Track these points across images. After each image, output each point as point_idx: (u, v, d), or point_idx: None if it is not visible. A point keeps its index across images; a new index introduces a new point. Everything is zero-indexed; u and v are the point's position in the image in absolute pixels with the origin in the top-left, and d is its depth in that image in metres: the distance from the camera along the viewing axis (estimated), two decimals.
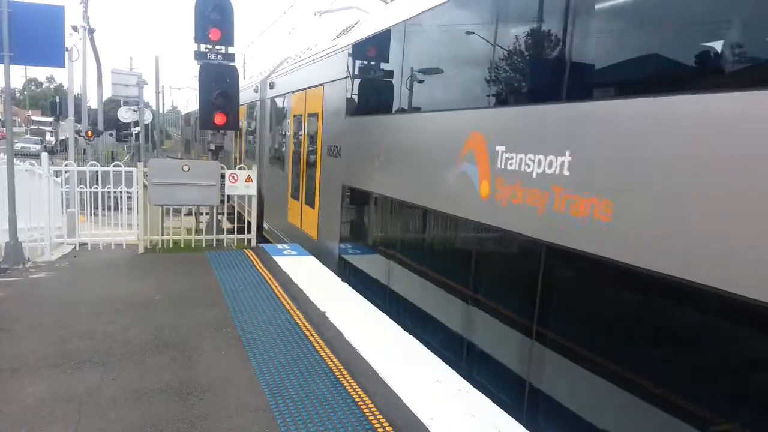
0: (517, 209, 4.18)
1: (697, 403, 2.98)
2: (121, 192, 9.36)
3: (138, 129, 29.19)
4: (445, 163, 5.21)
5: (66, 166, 10.35)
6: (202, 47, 8.59)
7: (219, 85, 8.55)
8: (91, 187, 9.75)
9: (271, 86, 11.86)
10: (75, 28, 18.31)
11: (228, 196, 9.28)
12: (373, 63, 7.54)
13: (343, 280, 7.09)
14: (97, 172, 9.60)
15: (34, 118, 65.41)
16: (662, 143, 3.08)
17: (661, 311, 3.27)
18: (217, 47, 8.65)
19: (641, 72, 3.49)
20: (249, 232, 9.38)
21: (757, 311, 2.53)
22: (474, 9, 5.23)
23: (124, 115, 27.72)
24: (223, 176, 8.75)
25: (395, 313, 6.06)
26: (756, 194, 2.59)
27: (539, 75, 4.38)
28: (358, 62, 7.75)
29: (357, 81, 7.76)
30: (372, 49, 7.43)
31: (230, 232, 9.75)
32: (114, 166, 9.25)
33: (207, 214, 10.15)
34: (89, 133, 19.39)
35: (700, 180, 2.87)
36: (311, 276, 7.23)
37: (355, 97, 7.80)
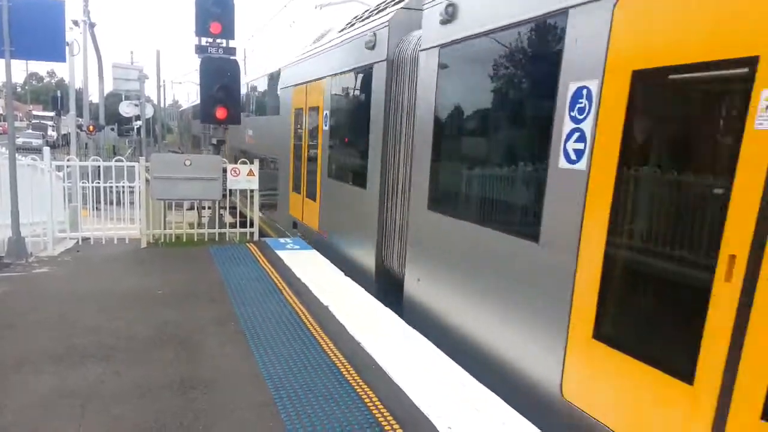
0: (254, 145, 14.77)
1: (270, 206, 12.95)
2: (123, 186, 9.36)
3: (139, 123, 29.20)
4: (242, 137, 16.03)
5: (68, 160, 10.34)
6: (203, 41, 8.53)
7: (220, 78, 8.51)
8: (93, 182, 9.74)
9: None
10: (75, 23, 18.28)
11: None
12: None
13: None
14: (99, 166, 9.58)
15: (35, 112, 65.39)
16: (264, 129, 14.13)
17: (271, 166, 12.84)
18: (218, 41, 8.59)
19: (262, 110, 15.12)
20: (251, 226, 9.38)
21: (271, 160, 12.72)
22: (260, 86, 15.90)
23: (126, 109, 27.73)
24: (224, 170, 8.74)
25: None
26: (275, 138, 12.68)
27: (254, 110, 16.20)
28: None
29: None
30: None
31: (232, 226, 9.74)
32: (116, 161, 9.25)
33: (209, 208, 10.14)
34: (91, 127, 19.39)
35: (270, 135, 13.11)
36: (313, 270, 7.23)
37: None
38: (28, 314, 5.30)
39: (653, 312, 3.17)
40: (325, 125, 8.74)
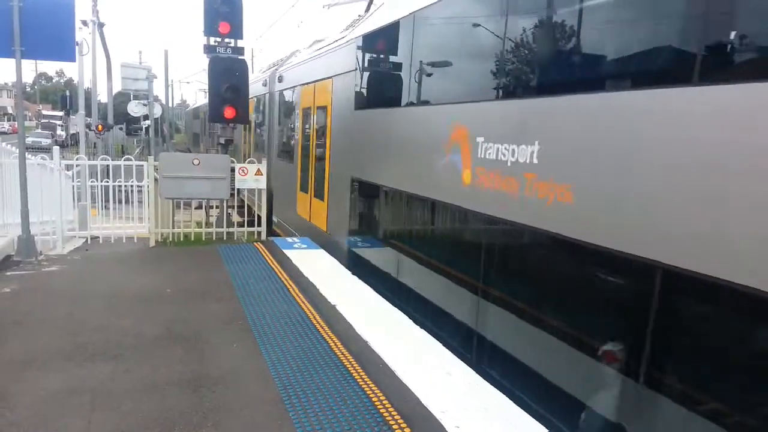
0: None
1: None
2: (131, 185, 9.41)
3: (148, 123, 29.36)
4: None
5: (77, 159, 10.41)
6: (212, 41, 8.56)
7: (228, 78, 8.53)
8: (102, 181, 9.80)
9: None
10: (85, 23, 18.41)
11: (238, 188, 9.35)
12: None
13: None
14: (107, 165, 9.63)
15: (44, 112, 65.94)
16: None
17: None
18: (227, 40, 8.62)
19: None
20: (259, 225, 9.40)
21: None
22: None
23: (134, 108, 27.88)
24: (233, 170, 8.76)
25: None
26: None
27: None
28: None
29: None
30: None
31: (240, 225, 9.77)
32: (124, 160, 9.30)
33: (217, 207, 10.18)
34: (99, 127, 19.52)
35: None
36: (321, 269, 7.24)
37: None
38: (37, 312, 5.34)
39: (310, 179, 10.44)
40: (255, 123, 16.57)
